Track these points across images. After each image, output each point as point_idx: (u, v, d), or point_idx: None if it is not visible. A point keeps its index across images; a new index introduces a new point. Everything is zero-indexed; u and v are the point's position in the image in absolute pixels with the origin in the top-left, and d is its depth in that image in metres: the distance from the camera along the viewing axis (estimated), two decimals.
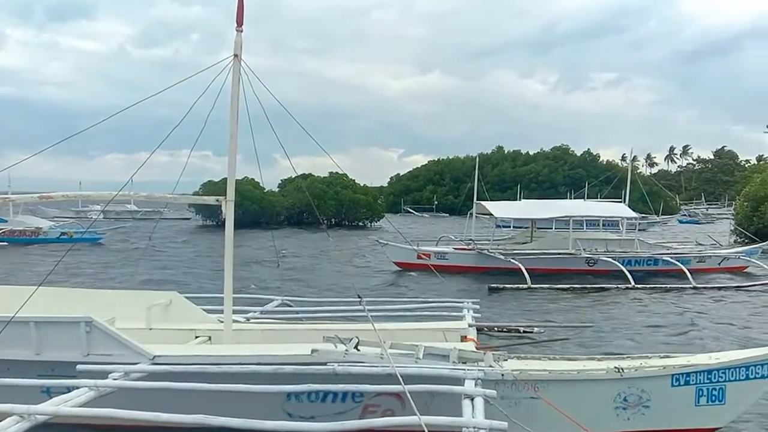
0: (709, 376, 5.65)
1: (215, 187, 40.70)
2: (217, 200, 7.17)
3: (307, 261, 23.67)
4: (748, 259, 21.43)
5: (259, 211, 46.88)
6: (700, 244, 27.84)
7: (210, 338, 7.32)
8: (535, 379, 5.53)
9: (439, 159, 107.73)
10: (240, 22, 6.63)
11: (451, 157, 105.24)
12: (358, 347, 5.72)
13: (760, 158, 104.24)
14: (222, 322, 7.29)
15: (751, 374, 5.67)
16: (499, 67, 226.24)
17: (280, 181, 56.05)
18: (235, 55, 6.67)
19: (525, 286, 16.61)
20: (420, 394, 4.86)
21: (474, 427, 4.22)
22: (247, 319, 8.38)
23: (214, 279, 15.68)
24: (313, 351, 5.63)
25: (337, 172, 53.38)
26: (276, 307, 9.46)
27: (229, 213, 6.97)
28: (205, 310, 8.02)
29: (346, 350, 5.63)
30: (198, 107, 6.69)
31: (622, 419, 5.63)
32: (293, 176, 47.62)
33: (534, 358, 6.26)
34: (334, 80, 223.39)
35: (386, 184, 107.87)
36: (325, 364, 5.42)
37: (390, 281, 18.93)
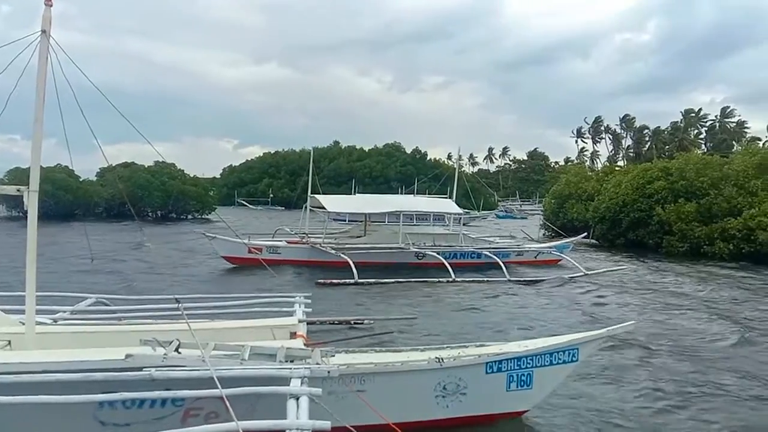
0: (519, 363, 6.13)
1: (23, 175, 36.26)
2: (19, 190, 6.32)
3: (127, 256, 22.02)
4: (559, 254, 23.22)
5: (73, 201, 42.88)
6: (513, 237, 30.42)
7: (9, 343, 6.49)
8: (362, 372, 5.63)
9: (275, 151, 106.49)
10: None
11: (287, 150, 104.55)
12: (179, 350, 5.41)
13: (567, 160, 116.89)
14: (24, 324, 6.49)
15: (555, 360, 6.25)
16: (337, 63, 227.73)
17: (99, 170, 51.74)
18: (43, 31, 5.98)
19: (352, 280, 16.79)
20: (245, 396, 4.71)
21: (297, 429, 4.17)
22: (55, 321, 7.54)
23: (18, 275, 14.00)
24: (127, 356, 5.21)
25: (164, 162, 50.59)
26: (89, 306, 8.58)
27: (32, 204, 6.21)
28: (4, 310, 7.09)
29: (165, 354, 5.29)
30: (7, 87, 5.93)
31: (441, 407, 5.92)
32: (114, 165, 44.21)
33: (361, 351, 6.37)
34: (164, 65, 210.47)
35: (219, 176, 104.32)
36: (141, 369, 5.05)
37: (218, 277, 18.21)
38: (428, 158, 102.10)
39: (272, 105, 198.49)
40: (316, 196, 23.12)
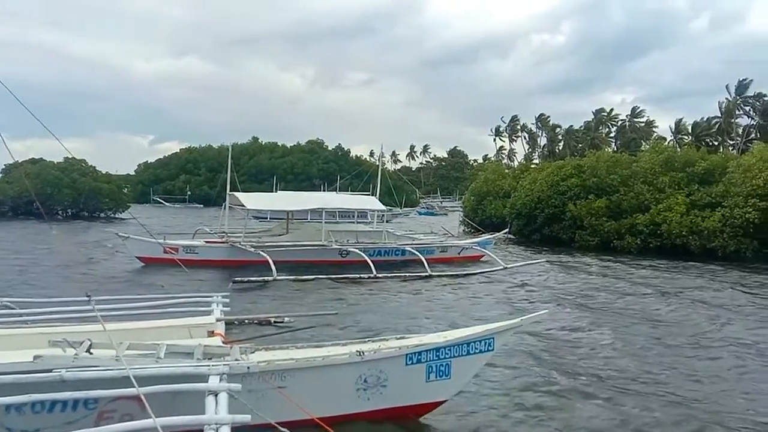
0: (438, 354, 6.27)
1: None
2: None
3: (34, 257, 20.84)
4: (482, 249, 23.67)
5: None
6: (435, 234, 30.95)
7: None
8: (282, 368, 5.60)
9: (192, 147, 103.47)
10: None
11: (206, 146, 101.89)
12: (91, 350, 5.21)
13: (485, 158, 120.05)
14: None
15: (472, 350, 6.43)
16: (258, 58, 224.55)
17: (4, 166, 48.70)
18: None
19: (270, 278, 16.53)
20: (162, 395, 4.60)
21: (216, 424, 4.13)
22: None
23: None
24: (35, 357, 4.98)
25: (75, 158, 48.15)
26: None
27: None
28: None
29: (76, 354, 5.09)
30: None
31: (362, 400, 5.97)
32: (20, 161, 41.70)
33: (282, 348, 6.33)
34: (78, 58, 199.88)
35: (133, 173, 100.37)
36: (51, 371, 4.84)
37: (132, 278, 17.41)
38: (351, 155, 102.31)
39: (191, 100, 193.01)
40: (235, 193, 22.46)
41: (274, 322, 8.89)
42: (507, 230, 31.05)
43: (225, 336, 7.10)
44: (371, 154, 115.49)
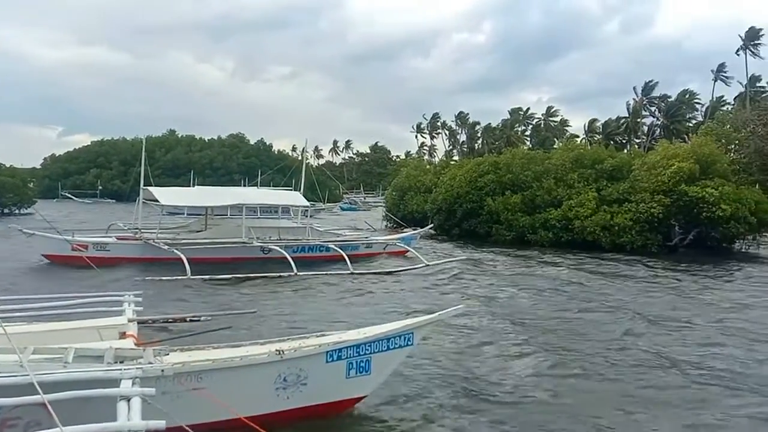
0: (358, 350, 6.30)
1: None
2: None
3: None
4: (406, 245, 23.56)
5: None
6: (359, 229, 31.03)
7: None
8: (198, 369, 5.46)
9: (104, 140, 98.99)
10: None
11: (118, 139, 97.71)
12: None
13: (407, 154, 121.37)
14: None
15: (391, 345, 6.50)
16: (175, 48, 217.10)
17: None
18: None
19: (184, 276, 16.00)
20: (71, 401, 4.38)
21: (128, 430, 3.98)
22: None
23: None
24: None
25: None
26: None
27: None
28: None
29: None
30: None
31: (282, 399, 5.92)
32: None
33: (198, 348, 6.17)
34: None
35: (39, 166, 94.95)
36: None
37: (37, 278, 16.45)
38: (273, 150, 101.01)
39: (103, 90, 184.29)
40: (149, 188, 21.42)
41: (190, 321, 8.63)
42: (431, 225, 31.51)
43: (137, 337, 6.84)
44: (294, 148, 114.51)
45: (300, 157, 36.29)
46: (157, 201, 20.86)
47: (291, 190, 31.40)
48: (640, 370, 8.83)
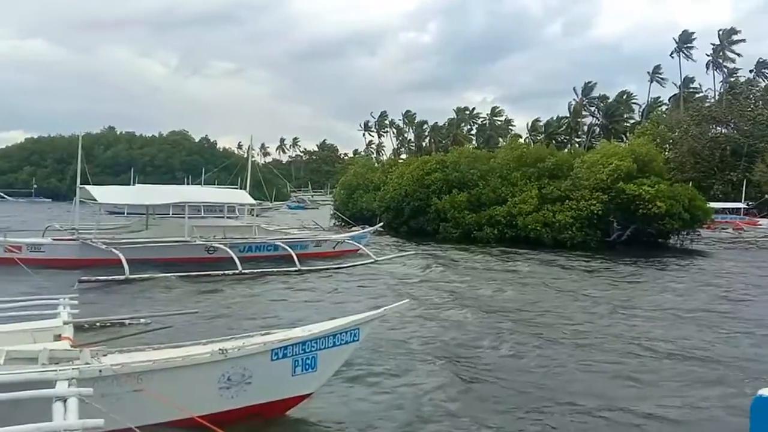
0: (304, 347, 6.24)
1: None
2: None
3: None
4: (357, 243, 23.41)
5: None
6: (307, 228, 30.72)
7: None
8: (139, 371, 5.31)
9: (38, 137, 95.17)
10: None
11: (54, 136, 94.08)
12: None
13: (355, 152, 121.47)
14: None
15: (338, 341, 6.46)
16: (115, 43, 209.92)
17: None
18: None
19: (122, 277, 15.39)
20: (3, 403, 4.21)
21: (65, 430, 3.86)
22: None
23: None
24: None
25: None
26: None
27: None
28: None
29: None
30: None
31: (226, 398, 5.81)
32: None
33: (138, 349, 6.00)
34: None
35: None
36: None
37: None
38: (218, 147, 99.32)
39: (39, 86, 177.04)
40: (86, 186, 20.54)
41: (129, 323, 8.37)
42: (381, 224, 31.49)
43: (74, 340, 6.60)
44: (240, 146, 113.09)
45: (246, 155, 35.75)
46: (95, 200, 20.13)
47: (237, 188, 30.89)
48: (581, 355, 9.11)
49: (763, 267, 23.32)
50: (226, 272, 17.04)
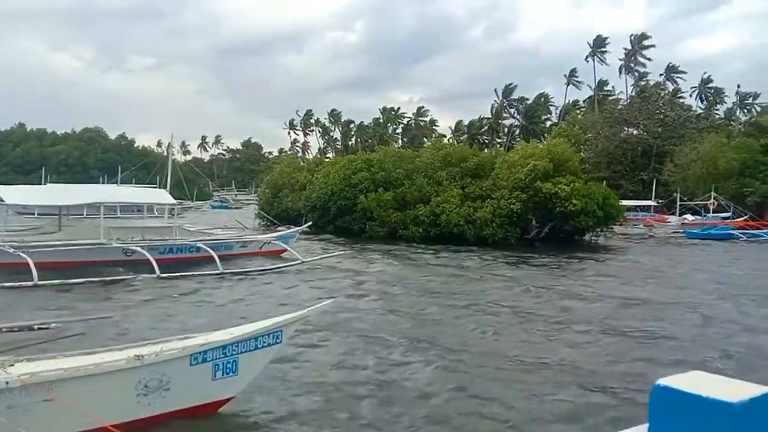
0: (224, 351, 6.17)
1: None
2: None
3: None
4: (284, 244, 22.69)
5: None
6: (230, 228, 30.05)
7: None
8: (49, 380, 5.11)
9: None
10: None
11: None
12: None
13: (281, 151, 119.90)
14: None
15: (260, 344, 6.43)
16: (24, 35, 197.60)
17: None
18: None
19: (30, 283, 14.55)
20: None
21: None
22: None
23: None
24: None
25: None
26: None
27: None
28: None
29: None
30: None
31: (143, 405, 5.68)
32: None
33: (48, 358, 5.76)
34: None
35: None
36: None
37: None
38: (136, 145, 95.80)
39: None
40: None
41: (38, 329, 7.96)
42: (308, 224, 31.16)
43: None
44: (159, 144, 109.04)
45: (166, 152, 34.65)
46: (2, 200, 18.95)
47: (156, 187, 29.84)
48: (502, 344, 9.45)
49: (672, 258, 25.38)
50: (144, 276, 16.40)
